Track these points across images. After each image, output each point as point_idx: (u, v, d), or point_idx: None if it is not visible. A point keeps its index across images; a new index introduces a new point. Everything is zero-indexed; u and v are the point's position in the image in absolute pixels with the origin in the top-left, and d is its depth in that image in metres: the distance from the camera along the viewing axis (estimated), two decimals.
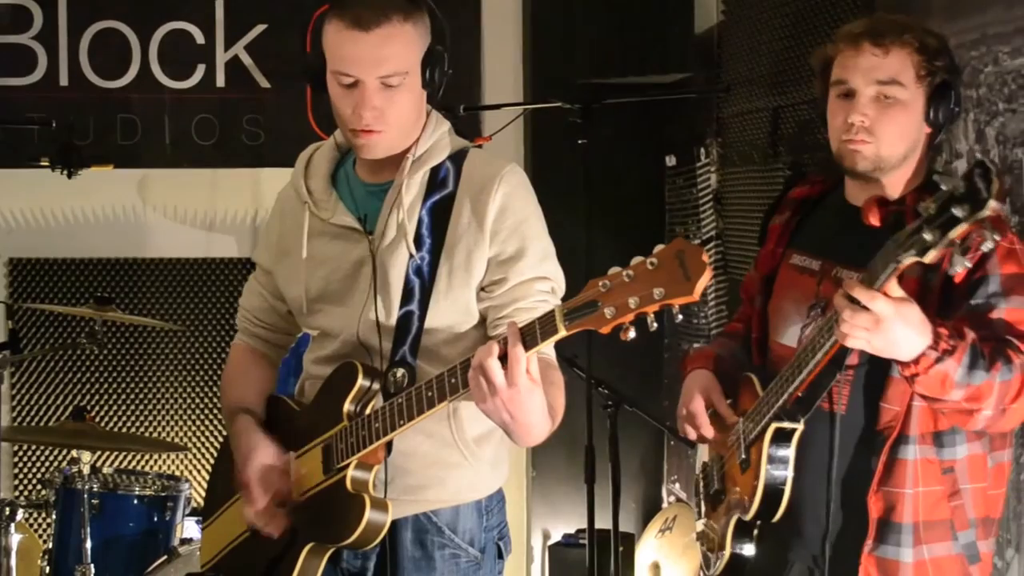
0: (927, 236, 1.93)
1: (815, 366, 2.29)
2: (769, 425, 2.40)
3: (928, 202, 1.94)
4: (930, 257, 1.96)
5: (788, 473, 2.40)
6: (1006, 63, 2.85)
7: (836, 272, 2.44)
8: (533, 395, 2.10)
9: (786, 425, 2.39)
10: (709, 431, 2.59)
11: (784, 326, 2.54)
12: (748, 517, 2.47)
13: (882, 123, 2.35)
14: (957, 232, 1.90)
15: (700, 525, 2.74)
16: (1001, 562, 2.89)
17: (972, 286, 2.25)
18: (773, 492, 2.41)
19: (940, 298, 2.26)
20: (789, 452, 2.40)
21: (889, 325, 2.08)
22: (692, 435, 2.63)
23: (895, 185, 2.41)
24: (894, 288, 2.09)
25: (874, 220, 2.25)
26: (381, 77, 2.30)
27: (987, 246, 1.90)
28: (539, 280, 2.37)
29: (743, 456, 2.49)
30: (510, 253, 2.36)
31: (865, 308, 2.09)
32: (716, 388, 2.60)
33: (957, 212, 1.89)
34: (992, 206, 1.85)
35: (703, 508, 2.72)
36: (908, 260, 1.99)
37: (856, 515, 2.37)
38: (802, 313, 2.49)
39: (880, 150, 2.36)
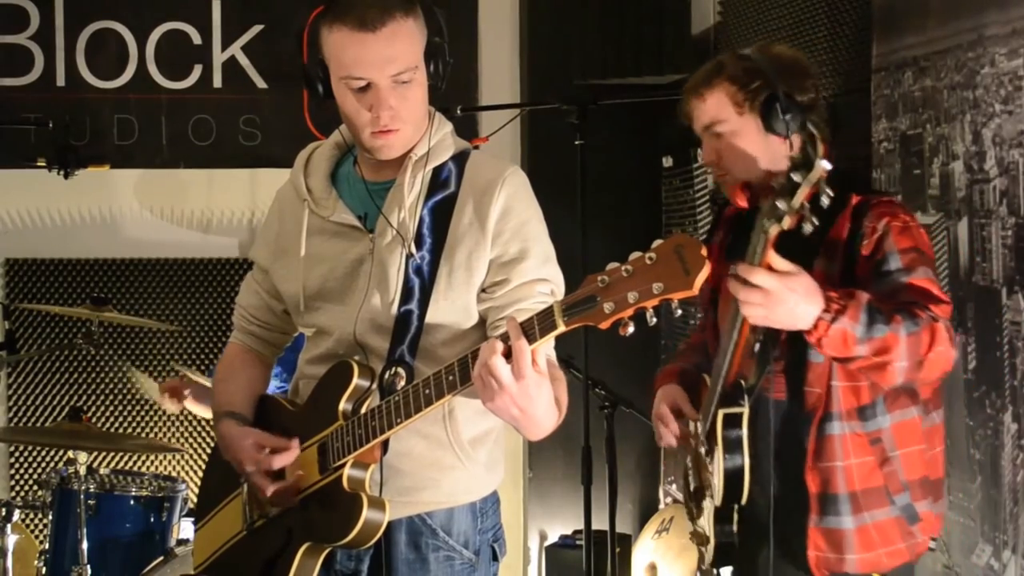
0: (780, 205, 2.13)
1: (734, 348, 2.45)
2: (717, 412, 2.55)
3: (779, 176, 2.16)
4: (787, 223, 2.14)
5: (744, 454, 2.54)
6: (1003, 64, 2.86)
7: None
8: (541, 387, 2.08)
9: (732, 410, 2.55)
10: (675, 428, 2.72)
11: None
12: (718, 503, 2.59)
13: (725, 156, 2.61)
14: (801, 196, 2.11)
15: (693, 526, 2.79)
16: (998, 563, 2.89)
17: (875, 267, 2.41)
18: (733, 474, 2.55)
19: (841, 285, 2.38)
20: (741, 433, 2.54)
21: (779, 296, 2.22)
22: (667, 437, 2.75)
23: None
24: (779, 262, 2.22)
25: (741, 202, 2.56)
26: (393, 76, 2.30)
27: (824, 200, 2.10)
28: (540, 282, 2.37)
29: (705, 447, 2.61)
30: (512, 255, 2.36)
31: (755, 284, 2.22)
32: (681, 394, 2.76)
33: (796, 178, 2.11)
34: (821, 166, 2.08)
35: (692, 510, 2.79)
36: (773, 229, 2.16)
37: (797, 491, 2.52)
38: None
39: (737, 175, 2.60)
